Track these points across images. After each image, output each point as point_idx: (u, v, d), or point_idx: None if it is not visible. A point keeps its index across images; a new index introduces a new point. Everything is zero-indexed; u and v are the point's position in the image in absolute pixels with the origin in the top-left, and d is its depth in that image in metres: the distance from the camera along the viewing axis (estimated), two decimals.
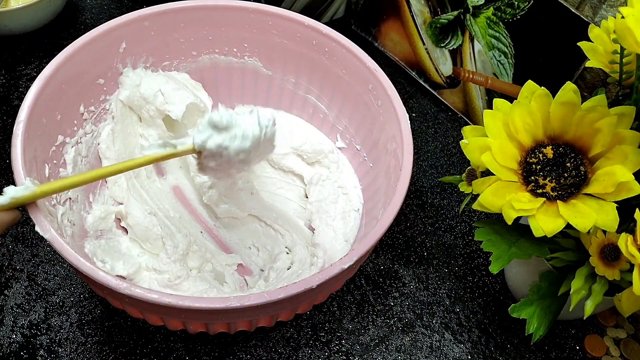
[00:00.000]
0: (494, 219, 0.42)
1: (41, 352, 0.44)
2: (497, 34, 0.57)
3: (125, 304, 0.38)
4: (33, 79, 0.58)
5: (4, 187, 0.52)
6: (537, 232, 0.35)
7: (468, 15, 0.58)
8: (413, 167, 0.56)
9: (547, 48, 0.54)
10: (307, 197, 0.53)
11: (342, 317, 0.48)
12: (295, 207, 0.54)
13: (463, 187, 0.41)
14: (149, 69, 0.52)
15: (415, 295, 0.51)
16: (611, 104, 0.37)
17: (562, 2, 0.52)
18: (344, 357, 0.47)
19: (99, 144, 0.50)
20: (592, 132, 0.36)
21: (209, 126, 0.37)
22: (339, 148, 0.56)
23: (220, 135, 0.37)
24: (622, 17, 0.32)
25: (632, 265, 0.34)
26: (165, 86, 0.51)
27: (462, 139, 0.40)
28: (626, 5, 0.33)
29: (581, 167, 0.37)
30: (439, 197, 0.58)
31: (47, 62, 0.43)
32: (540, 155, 0.38)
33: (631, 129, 0.35)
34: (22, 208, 0.35)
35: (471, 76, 0.61)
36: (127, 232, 0.49)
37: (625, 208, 0.35)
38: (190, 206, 0.53)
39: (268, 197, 0.54)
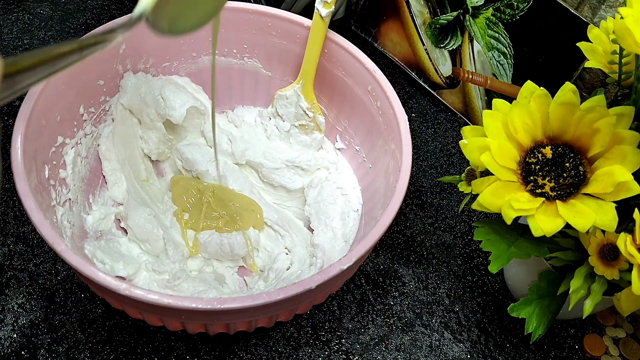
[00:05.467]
0: (493, 219, 0.42)
1: (42, 351, 0.44)
2: (497, 35, 0.57)
3: (124, 304, 0.38)
4: None
5: (5, 188, 0.52)
6: (536, 232, 0.35)
7: (467, 16, 0.58)
8: (412, 167, 0.56)
9: (546, 48, 0.54)
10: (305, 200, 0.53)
11: (342, 316, 0.49)
12: (294, 209, 0.54)
13: (462, 187, 0.42)
14: (149, 73, 0.52)
15: (414, 295, 0.51)
16: (610, 104, 0.37)
17: (561, 2, 0.52)
18: (344, 356, 0.47)
19: (98, 145, 0.50)
20: (591, 132, 0.36)
21: None
22: (338, 149, 0.56)
23: None
24: (621, 18, 0.32)
25: (631, 265, 0.34)
26: (165, 90, 0.51)
27: (462, 139, 0.40)
28: (625, 6, 0.33)
29: (580, 167, 0.37)
30: (438, 197, 0.58)
31: None
32: (540, 155, 0.38)
33: (630, 129, 0.35)
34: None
35: (470, 76, 0.61)
36: (127, 233, 0.49)
37: (624, 208, 0.35)
38: None
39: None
